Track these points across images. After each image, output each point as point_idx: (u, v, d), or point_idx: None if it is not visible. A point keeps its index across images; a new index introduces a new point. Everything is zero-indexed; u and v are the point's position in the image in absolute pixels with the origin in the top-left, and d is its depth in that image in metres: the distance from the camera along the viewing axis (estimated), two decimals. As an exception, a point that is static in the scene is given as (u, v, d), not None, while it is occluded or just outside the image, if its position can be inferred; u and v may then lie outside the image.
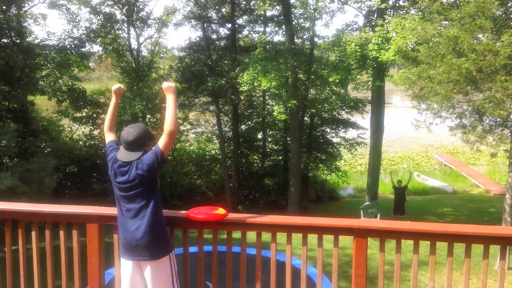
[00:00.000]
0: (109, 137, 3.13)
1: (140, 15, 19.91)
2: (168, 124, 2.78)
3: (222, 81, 18.64)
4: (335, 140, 21.88)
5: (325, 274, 4.01)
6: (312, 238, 3.05)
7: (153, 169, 2.79)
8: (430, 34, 10.89)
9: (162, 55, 23.61)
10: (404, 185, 15.98)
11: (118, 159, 2.89)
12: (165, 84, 2.90)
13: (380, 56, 14.45)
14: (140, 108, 17.86)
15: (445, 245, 2.90)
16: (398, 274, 2.99)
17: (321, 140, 21.54)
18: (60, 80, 18.95)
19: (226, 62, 20.28)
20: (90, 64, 22.96)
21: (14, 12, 16.62)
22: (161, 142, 2.79)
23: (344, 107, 20.71)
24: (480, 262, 2.91)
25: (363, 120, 21.03)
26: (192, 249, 3.17)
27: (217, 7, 20.37)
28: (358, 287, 2.96)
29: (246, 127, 22.90)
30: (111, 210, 3.24)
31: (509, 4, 10.73)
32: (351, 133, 22.17)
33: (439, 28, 11.11)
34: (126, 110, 17.93)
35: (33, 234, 3.25)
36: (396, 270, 2.98)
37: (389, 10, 16.65)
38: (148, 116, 20.03)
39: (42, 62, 17.55)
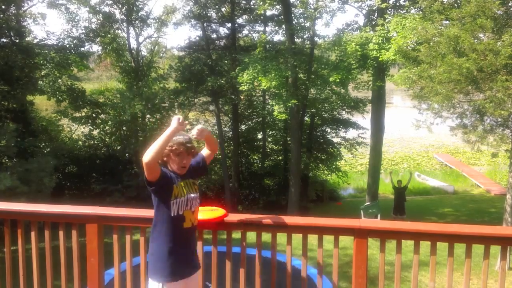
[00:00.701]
0: None
1: (139, 14, 19.90)
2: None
3: (222, 81, 18.63)
4: (335, 140, 21.87)
5: (326, 274, 4.00)
6: (313, 238, 3.04)
7: (149, 189, 2.70)
8: (430, 33, 10.88)
9: (161, 54, 23.61)
10: (404, 185, 15.95)
11: None
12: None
13: (380, 56, 14.44)
14: (139, 108, 17.86)
15: (445, 246, 2.89)
16: (399, 274, 2.98)
17: (321, 140, 21.53)
18: (59, 80, 18.95)
19: (226, 61, 20.27)
20: (90, 64, 22.95)
21: (13, 11, 16.61)
22: None
23: (345, 107, 20.71)
24: (480, 262, 2.90)
25: (364, 120, 21.02)
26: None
27: (217, 6, 20.35)
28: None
29: (246, 127, 22.88)
30: (111, 211, 3.23)
31: (510, 4, 10.72)
32: (351, 133, 22.16)
33: (440, 28, 11.09)
34: (125, 110, 17.93)
35: (33, 234, 3.23)
36: (396, 271, 2.97)
37: (390, 9, 16.63)
38: (148, 116, 20.03)
39: (41, 61, 17.55)
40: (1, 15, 15.59)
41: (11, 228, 3.27)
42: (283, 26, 18.31)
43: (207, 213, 3.08)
